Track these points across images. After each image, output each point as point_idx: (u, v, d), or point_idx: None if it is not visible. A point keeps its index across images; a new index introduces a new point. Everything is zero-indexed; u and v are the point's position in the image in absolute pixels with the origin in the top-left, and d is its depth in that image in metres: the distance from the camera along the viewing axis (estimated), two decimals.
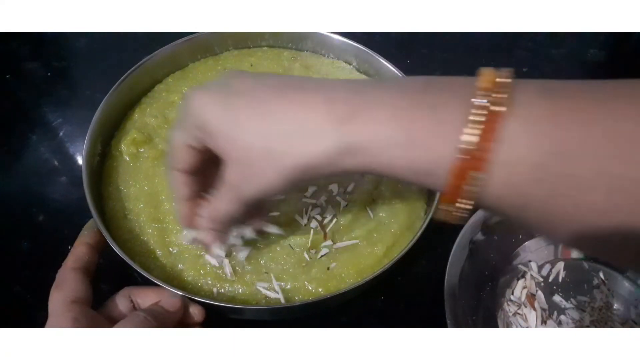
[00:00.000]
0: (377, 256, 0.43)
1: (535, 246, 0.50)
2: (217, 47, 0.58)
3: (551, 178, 0.21)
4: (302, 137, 0.25)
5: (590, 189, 0.20)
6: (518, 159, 0.21)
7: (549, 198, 0.22)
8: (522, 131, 0.21)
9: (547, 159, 0.21)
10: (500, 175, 0.22)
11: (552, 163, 0.21)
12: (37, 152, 0.56)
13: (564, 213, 0.22)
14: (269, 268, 0.42)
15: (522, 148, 0.21)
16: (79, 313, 0.34)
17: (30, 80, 0.63)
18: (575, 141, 0.20)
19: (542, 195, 0.22)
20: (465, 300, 0.44)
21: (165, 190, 0.46)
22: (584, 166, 0.20)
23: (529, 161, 0.21)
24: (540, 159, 0.21)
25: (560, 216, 0.22)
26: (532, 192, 0.22)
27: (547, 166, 0.21)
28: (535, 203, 0.22)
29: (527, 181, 0.22)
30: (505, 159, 0.22)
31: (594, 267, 0.49)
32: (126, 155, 0.48)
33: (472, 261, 0.46)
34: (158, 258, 0.43)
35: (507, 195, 0.22)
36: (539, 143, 0.21)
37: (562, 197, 0.21)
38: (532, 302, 0.47)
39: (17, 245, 0.49)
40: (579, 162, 0.20)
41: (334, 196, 0.46)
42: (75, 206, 0.51)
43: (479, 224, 0.47)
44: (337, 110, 0.25)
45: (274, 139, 0.26)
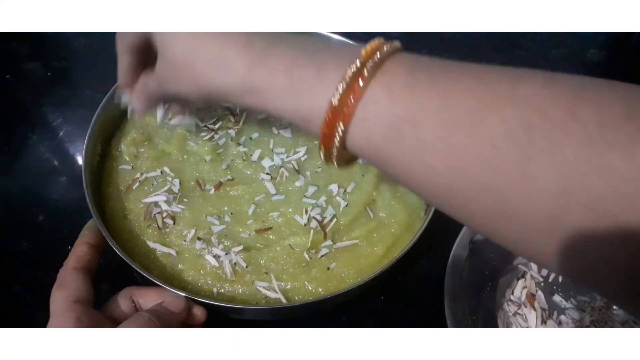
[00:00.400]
0: (377, 256, 0.43)
1: None
2: None
3: (401, 139, 0.25)
4: (217, 66, 0.30)
5: (432, 152, 0.24)
6: (376, 118, 0.25)
7: (402, 157, 0.25)
8: (383, 96, 0.25)
9: (399, 123, 0.24)
10: (360, 130, 0.26)
11: (403, 126, 0.24)
12: (37, 152, 0.56)
13: (416, 172, 0.25)
14: (268, 268, 0.42)
15: (380, 109, 0.25)
16: (81, 313, 0.35)
17: (30, 80, 0.63)
18: (423, 110, 0.24)
19: (395, 153, 0.25)
20: (465, 300, 0.44)
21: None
22: (427, 132, 0.24)
23: (385, 122, 0.25)
24: (393, 121, 0.25)
25: (414, 175, 0.25)
26: (387, 149, 0.26)
27: (398, 129, 0.25)
28: (392, 160, 0.26)
29: (382, 138, 0.25)
30: (365, 117, 0.25)
31: None
32: (126, 155, 0.48)
33: (472, 261, 0.46)
34: (158, 258, 0.43)
35: (367, 148, 0.26)
36: (394, 108, 0.25)
37: (412, 157, 0.25)
38: (532, 302, 0.47)
39: (17, 245, 0.49)
40: (423, 128, 0.24)
41: (334, 196, 0.46)
42: (75, 206, 0.51)
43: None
44: (251, 54, 0.29)
45: (197, 59, 0.31)
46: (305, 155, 0.49)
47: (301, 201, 0.46)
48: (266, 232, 0.44)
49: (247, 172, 0.48)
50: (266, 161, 0.48)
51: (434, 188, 0.25)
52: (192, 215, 0.45)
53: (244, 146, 0.49)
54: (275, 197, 0.46)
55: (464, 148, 0.23)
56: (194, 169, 0.48)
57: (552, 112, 0.21)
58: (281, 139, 0.50)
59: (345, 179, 0.48)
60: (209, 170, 0.48)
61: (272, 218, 0.45)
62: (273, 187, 0.46)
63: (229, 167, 0.48)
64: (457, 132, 0.23)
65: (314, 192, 0.46)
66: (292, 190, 0.47)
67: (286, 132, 0.50)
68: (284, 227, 0.44)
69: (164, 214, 0.44)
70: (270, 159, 0.48)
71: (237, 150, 0.49)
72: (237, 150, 0.49)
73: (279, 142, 0.50)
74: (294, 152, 0.49)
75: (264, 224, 0.44)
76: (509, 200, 0.23)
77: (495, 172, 0.23)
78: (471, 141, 0.23)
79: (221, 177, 0.47)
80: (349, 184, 0.47)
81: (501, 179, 0.23)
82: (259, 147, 0.49)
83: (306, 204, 0.45)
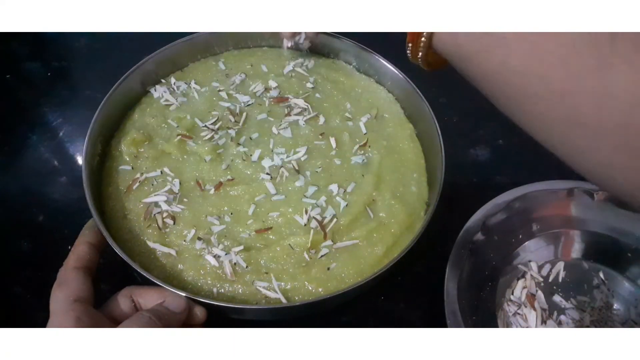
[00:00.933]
0: (377, 256, 0.43)
1: (535, 246, 0.50)
2: (217, 47, 0.58)
3: (484, 36, 0.27)
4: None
5: (513, 51, 0.25)
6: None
7: (482, 55, 0.27)
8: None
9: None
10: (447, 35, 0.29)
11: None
12: (37, 152, 0.56)
13: (495, 73, 0.27)
14: (268, 268, 0.42)
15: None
16: (81, 312, 0.35)
17: (30, 80, 0.63)
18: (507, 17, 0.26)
19: (477, 51, 0.27)
20: (466, 300, 0.44)
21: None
22: (509, 32, 0.25)
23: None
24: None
25: (493, 76, 0.27)
26: (470, 45, 0.28)
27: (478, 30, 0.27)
28: (473, 57, 0.28)
29: (466, 35, 0.28)
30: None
31: (593, 267, 0.49)
32: (126, 156, 0.48)
33: (472, 261, 0.46)
34: (158, 258, 0.43)
35: (451, 44, 0.29)
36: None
37: (492, 55, 0.26)
38: (532, 302, 0.47)
39: (17, 245, 0.49)
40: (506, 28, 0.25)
41: (334, 196, 0.46)
42: (75, 206, 0.51)
43: (479, 224, 0.47)
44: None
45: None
46: (305, 155, 0.49)
47: (301, 201, 0.46)
48: (266, 232, 0.44)
49: (247, 172, 0.48)
50: (266, 161, 0.48)
51: (509, 89, 0.26)
52: (192, 215, 0.45)
53: (244, 146, 0.49)
54: (275, 197, 0.46)
55: (546, 49, 0.24)
56: (194, 169, 0.48)
57: (635, 36, 0.22)
58: (281, 139, 0.50)
59: (345, 179, 0.48)
60: (209, 170, 0.48)
61: (272, 218, 0.45)
62: (273, 187, 0.46)
63: (229, 167, 0.48)
64: (541, 34, 0.24)
65: (314, 192, 0.46)
66: (292, 190, 0.47)
67: (286, 132, 0.50)
68: (284, 227, 0.44)
69: (164, 214, 0.44)
70: (270, 159, 0.48)
71: (237, 150, 0.49)
72: (237, 150, 0.49)
73: (279, 142, 0.50)
74: (294, 152, 0.49)
75: (264, 224, 0.44)
76: (582, 107, 0.23)
77: (574, 77, 0.23)
78: (554, 43, 0.24)
79: (221, 177, 0.47)
80: (349, 184, 0.47)
81: (578, 84, 0.23)
82: (259, 147, 0.49)
83: (306, 204, 0.45)
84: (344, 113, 0.53)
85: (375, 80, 0.57)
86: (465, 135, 0.60)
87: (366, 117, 0.53)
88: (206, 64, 0.57)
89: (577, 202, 0.49)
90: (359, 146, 0.50)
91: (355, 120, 0.52)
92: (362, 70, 0.58)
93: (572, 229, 0.50)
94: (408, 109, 0.54)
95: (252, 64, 0.57)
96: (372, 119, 0.53)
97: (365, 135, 0.51)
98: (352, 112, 0.53)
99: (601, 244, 0.49)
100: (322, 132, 0.51)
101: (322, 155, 0.49)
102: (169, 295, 0.38)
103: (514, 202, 0.49)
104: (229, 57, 0.58)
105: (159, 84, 0.54)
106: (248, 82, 0.55)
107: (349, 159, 0.49)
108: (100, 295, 0.38)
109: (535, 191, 0.49)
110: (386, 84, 0.56)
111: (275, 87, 0.54)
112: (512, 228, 0.49)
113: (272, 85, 0.54)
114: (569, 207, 0.50)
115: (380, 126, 0.53)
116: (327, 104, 0.54)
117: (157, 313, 0.36)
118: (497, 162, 0.58)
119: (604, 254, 0.49)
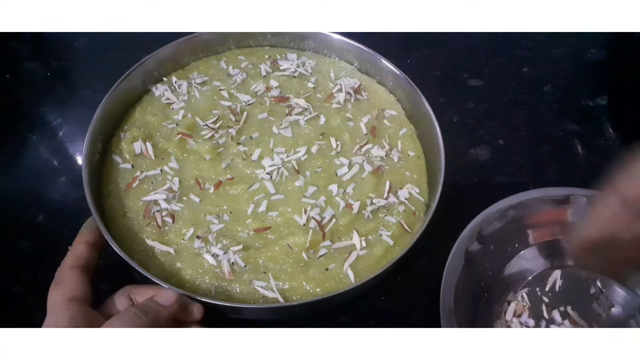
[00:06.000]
0: (376, 256, 0.43)
1: (531, 255, 0.49)
2: (219, 46, 0.58)
3: None
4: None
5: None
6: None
7: None
8: None
9: None
10: None
11: None
12: (37, 152, 0.56)
13: None
14: (267, 268, 0.42)
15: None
16: (76, 311, 0.34)
17: (30, 80, 0.63)
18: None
19: None
20: (462, 313, 0.43)
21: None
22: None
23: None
24: None
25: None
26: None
27: None
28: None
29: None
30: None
31: (590, 276, 0.48)
32: (126, 154, 0.48)
33: (468, 272, 0.45)
34: (157, 256, 0.42)
35: None
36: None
37: None
38: (529, 311, 0.46)
39: (17, 245, 0.49)
40: None
41: (334, 196, 0.46)
42: (75, 206, 0.51)
43: (474, 234, 0.46)
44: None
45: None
46: (305, 155, 0.49)
47: (300, 201, 0.46)
48: (265, 232, 0.44)
49: (246, 172, 0.48)
50: (266, 161, 0.48)
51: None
52: (191, 213, 0.45)
53: (244, 145, 0.49)
54: (274, 197, 0.46)
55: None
56: (194, 167, 0.48)
57: None
58: (281, 138, 0.50)
59: (345, 179, 0.48)
60: (208, 169, 0.48)
61: (271, 218, 0.45)
62: (272, 187, 0.46)
63: (228, 166, 0.48)
64: None
65: (313, 192, 0.46)
66: (291, 190, 0.46)
67: (286, 132, 0.50)
68: (282, 226, 0.44)
69: (164, 213, 0.44)
70: (270, 159, 0.48)
71: (237, 149, 0.49)
72: (237, 149, 0.49)
73: (279, 142, 0.50)
74: (294, 152, 0.49)
75: (262, 224, 0.44)
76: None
77: None
78: None
79: (221, 176, 0.47)
80: (349, 185, 0.47)
81: None
82: (259, 147, 0.49)
83: (305, 204, 0.45)
84: (344, 113, 0.53)
85: (377, 80, 0.57)
86: (465, 135, 0.59)
87: (367, 117, 0.53)
88: (208, 62, 0.57)
89: (573, 209, 0.49)
90: (359, 146, 0.50)
91: (355, 121, 0.52)
92: (363, 71, 0.58)
93: (568, 237, 0.48)
94: (409, 110, 0.54)
95: (254, 63, 0.57)
96: (373, 119, 0.53)
97: (365, 136, 0.51)
98: (353, 112, 0.53)
99: None
100: (323, 132, 0.51)
101: (322, 155, 0.49)
102: (159, 289, 0.38)
103: (509, 211, 0.48)
104: (230, 56, 0.58)
105: (160, 82, 0.54)
106: (249, 82, 0.55)
107: (349, 159, 0.49)
108: (99, 294, 0.38)
109: (531, 199, 0.49)
110: (387, 85, 0.56)
111: (277, 86, 0.54)
112: (507, 237, 0.48)
113: (273, 84, 0.54)
114: (565, 214, 0.49)
115: (381, 126, 0.53)
116: (327, 103, 0.54)
117: (143, 308, 0.35)
118: (498, 162, 0.58)
119: None
